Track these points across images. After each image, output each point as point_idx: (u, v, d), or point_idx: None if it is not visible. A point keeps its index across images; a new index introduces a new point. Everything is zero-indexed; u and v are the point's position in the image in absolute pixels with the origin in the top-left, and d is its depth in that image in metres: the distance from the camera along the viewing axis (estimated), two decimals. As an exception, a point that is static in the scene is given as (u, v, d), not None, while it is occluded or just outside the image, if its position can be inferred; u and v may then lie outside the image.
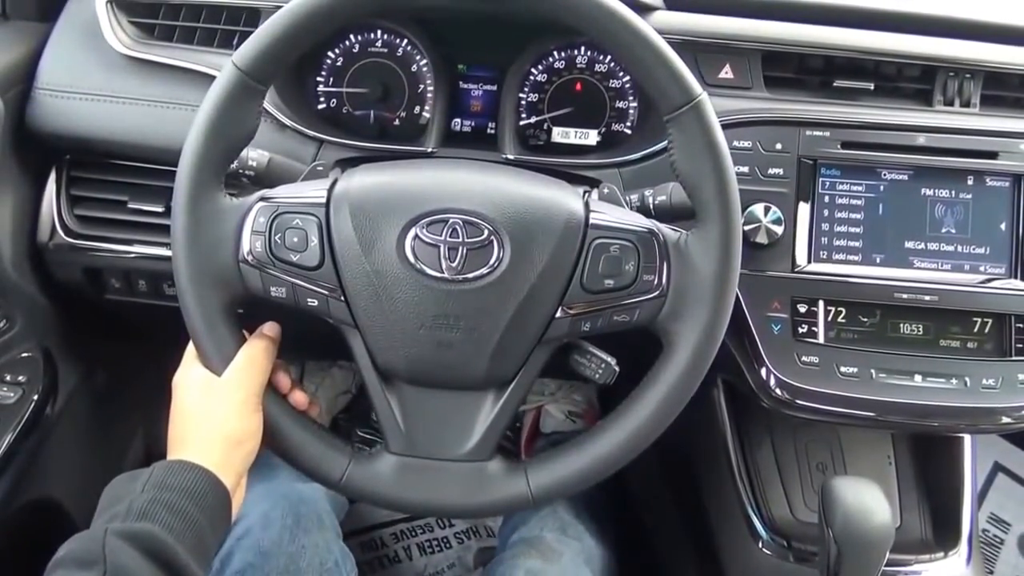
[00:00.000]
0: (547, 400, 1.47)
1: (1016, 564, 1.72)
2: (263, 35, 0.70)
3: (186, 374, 0.73)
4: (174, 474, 0.66)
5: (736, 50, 0.92)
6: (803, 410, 0.90)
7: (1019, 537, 1.77)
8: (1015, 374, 0.88)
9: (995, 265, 0.91)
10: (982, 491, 1.81)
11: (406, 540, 1.58)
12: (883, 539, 0.80)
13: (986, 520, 1.79)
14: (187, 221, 0.71)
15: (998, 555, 1.74)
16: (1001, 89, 0.94)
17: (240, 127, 0.72)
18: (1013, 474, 1.85)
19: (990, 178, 0.92)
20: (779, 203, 0.89)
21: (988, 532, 1.77)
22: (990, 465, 1.85)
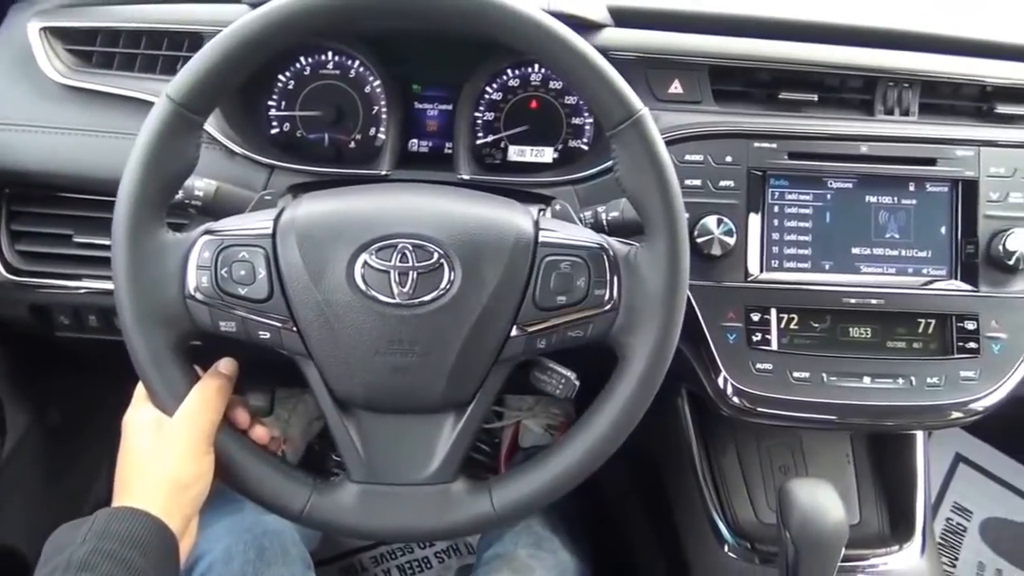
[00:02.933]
0: (525, 415, 1.48)
1: (979, 550, 1.77)
2: (197, 65, 0.69)
3: (135, 415, 0.72)
4: (117, 521, 0.64)
5: (685, 65, 0.95)
6: (760, 416, 0.92)
7: (980, 524, 1.82)
8: (957, 371, 0.92)
9: (937, 268, 0.95)
10: (944, 482, 1.86)
11: (386, 563, 1.58)
12: (838, 537, 0.82)
13: (950, 509, 1.83)
14: (128, 260, 0.70)
15: (962, 542, 1.78)
16: (937, 97, 0.97)
17: (178, 161, 0.71)
18: (974, 464, 1.90)
19: (930, 184, 0.95)
20: (731, 215, 0.91)
21: (952, 521, 1.81)
22: (951, 456, 1.90)
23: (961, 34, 1.00)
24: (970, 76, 0.97)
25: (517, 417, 1.47)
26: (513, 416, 1.48)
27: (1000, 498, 1.84)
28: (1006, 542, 1.78)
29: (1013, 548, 1.77)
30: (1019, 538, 1.79)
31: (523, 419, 1.47)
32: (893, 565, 1.01)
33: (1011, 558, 1.75)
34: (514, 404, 1.48)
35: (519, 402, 1.47)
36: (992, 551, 1.76)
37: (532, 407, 1.46)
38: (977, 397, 0.92)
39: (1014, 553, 1.76)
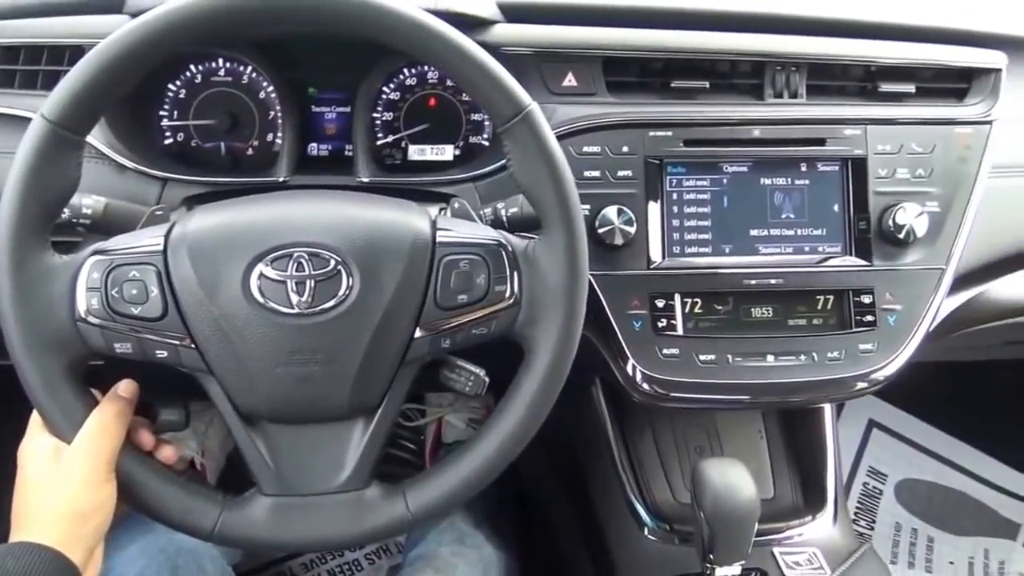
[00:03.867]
0: (446, 411, 1.48)
1: (895, 512, 1.83)
2: (72, 82, 0.67)
3: (31, 444, 0.70)
4: (14, 558, 0.62)
5: (578, 58, 0.95)
6: (671, 400, 0.94)
7: (895, 486, 1.88)
8: (856, 345, 0.94)
9: (832, 245, 0.97)
10: (859, 448, 1.92)
11: (316, 568, 1.57)
12: (750, 514, 0.84)
13: (866, 474, 1.90)
14: (12, 286, 0.68)
15: (878, 505, 1.85)
16: (825, 79, 0.99)
17: (58, 182, 0.69)
18: (886, 428, 1.97)
19: (821, 163, 0.97)
20: (630, 204, 0.93)
21: (868, 485, 1.88)
22: (865, 423, 1.96)
23: (846, 16, 1.03)
24: (855, 57, 0.99)
25: (439, 413, 1.47)
26: (435, 412, 1.47)
27: (913, 460, 1.92)
28: (920, 502, 1.85)
29: (927, 507, 1.84)
30: (932, 496, 1.86)
31: (445, 415, 1.47)
32: (808, 535, 1.04)
33: (925, 517, 1.82)
34: (435, 401, 1.48)
35: (440, 398, 1.47)
36: (907, 511, 1.83)
37: (453, 403, 1.46)
38: (877, 368, 0.95)
39: (928, 512, 1.83)
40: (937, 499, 1.85)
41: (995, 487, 1.89)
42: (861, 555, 1.00)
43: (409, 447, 1.59)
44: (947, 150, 0.98)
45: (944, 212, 0.98)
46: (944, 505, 1.84)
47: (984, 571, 1.71)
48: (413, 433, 1.57)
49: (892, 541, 1.76)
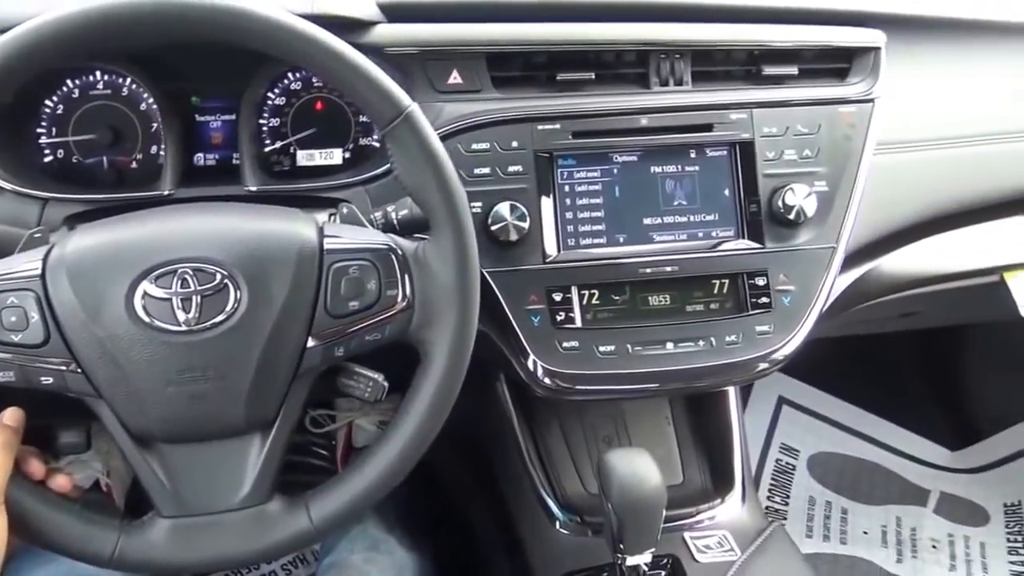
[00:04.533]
0: (356, 415, 1.46)
1: (808, 485, 1.87)
2: None
3: None
4: None
5: (462, 55, 0.94)
6: (574, 393, 0.94)
7: (808, 460, 1.93)
8: (753, 327, 0.96)
9: (725, 229, 0.98)
10: (771, 425, 1.96)
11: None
12: (657, 502, 0.85)
13: (778, 451, 1.93)
14: None
15: (792, 480, 1.88)
16: (709, 65, 1.00)
17: None
18: (796, 404, 2.01)
19: (709, 149, 0.98)
20: (523, 199, 0.92)
21: (781, 461, 1.91)
22: (775, 400, 2.00)
23: (728, 2, 1.04)
24: (738, 42, 1.00)
25: (348, 418, 1.44)
26: (344, 417, 1.45)
27: (823, 433, 1.96)
28: (832, 474, 1.89)
29: (840, 480, 1.89)
30: (844, 469, 1.91)
31: (355, 419, 1.45)
32: (718, 518, 1.05)
33: (838, 489, 1.87)
34: (344, 405, 1.45)
35: (349, 403, 1.45)
36: (820, 485, 1.87)
37: (363, 406, 1.44)
38: (774, 349, 0.96)
39: (841, 484, 1.88)
40: (849, 471, 1.90)
41: (904, 455, 1.95)
42: (770, 534, 1.01)
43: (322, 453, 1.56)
44: (832, 130, 1.00)
45: (832, 191, 0.99)
46: (856, 476, 1.89)
47: (897, 538, 1.76)
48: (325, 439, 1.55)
49: (807, 515, 1.79)
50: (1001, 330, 1.22)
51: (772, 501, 1.82)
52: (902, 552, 1.72)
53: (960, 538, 1.76)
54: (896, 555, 1.72)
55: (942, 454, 1.96)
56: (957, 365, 2.01)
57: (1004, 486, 1.85)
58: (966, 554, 1.73)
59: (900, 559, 1.71)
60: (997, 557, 1.72)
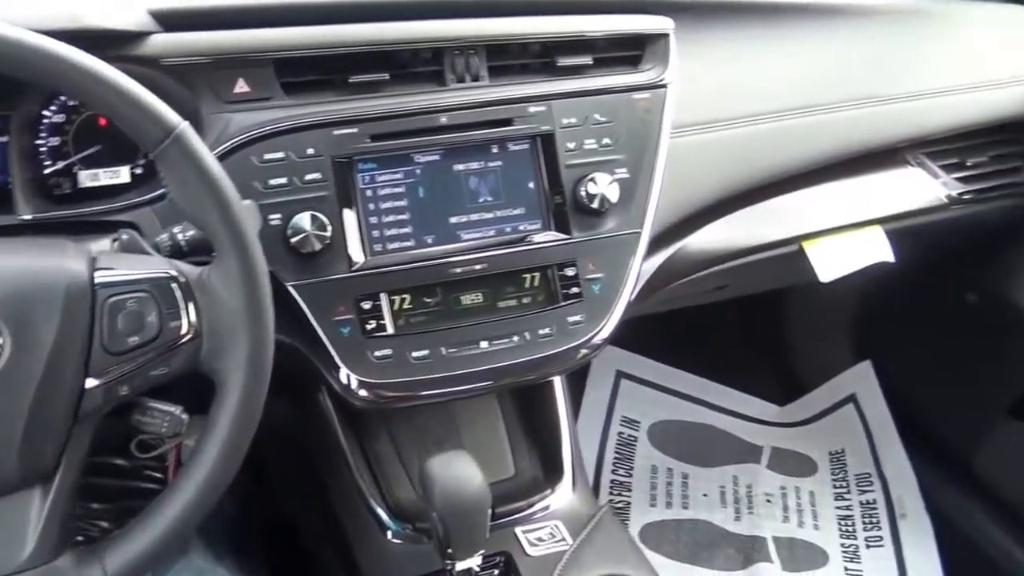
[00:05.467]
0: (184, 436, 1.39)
1: (650, 455, 1.92)
2: None
3: None
4: None
5: (247, 62, 0.89)
6: (391, 401, 0.92)
7: (648, 430, 1.98)
8: (565, 318, 0.96)
9: (532, 223, 0.98)
10: (611, 400, 2.00)
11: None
12: (481, 504, 0.85)
13: (620, 424, 1.97)
14: None
15: (635, 452, 1.93)
16: (505, 59, 0.99)
17: None
18: (633, 377, 2.06)
19: (511, 143, 0.98)
20: (323, 208, 0.89)
21: (624, 434, 1.96)
22: (613, 375, 2.04)
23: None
24: (531, 34, 1.00)
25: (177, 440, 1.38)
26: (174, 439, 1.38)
27: (662, 403, 2.02)
28: (672, 441, 1.95)
29: (679, 446, 1.95)
30: (683, 435, 1.97)
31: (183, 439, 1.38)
32: (551, 507, 1.06)
33: (678, 455, 1.93)
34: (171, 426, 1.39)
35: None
36: (661, 453, 1.93)
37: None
38: (587, 338, 0.97)
39: (680, 450, 1.94)
40: (687, 436, 1.96)
41: (738, 415, 2.04)
42: (599, 519, 1.03)
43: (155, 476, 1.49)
44: (629, 117, 1.02)
45: (634, 177, 1.01)
46: (694, 441, 1.96)
47: (735, 497, 1.83)
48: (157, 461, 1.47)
49: (650, 484, 1.85)
50: (813, 291, 1.28)
51: (617, 474, 1.86)
52: (739, 510, 1.80)
53: (792, 489, 1.86)
54: (735, 513, 1.79)
55: (772, 411, 2.06)
56: (779, 326, 2.12)
57: (828, 436, 1.96)
58: (797, 504, 1.82)
59: (738, 517, 1.78)
60: (825, 505, 1.83)
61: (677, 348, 2.07)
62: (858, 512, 1.80)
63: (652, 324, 1.63)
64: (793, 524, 1.78)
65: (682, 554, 1.70)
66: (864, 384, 1.93)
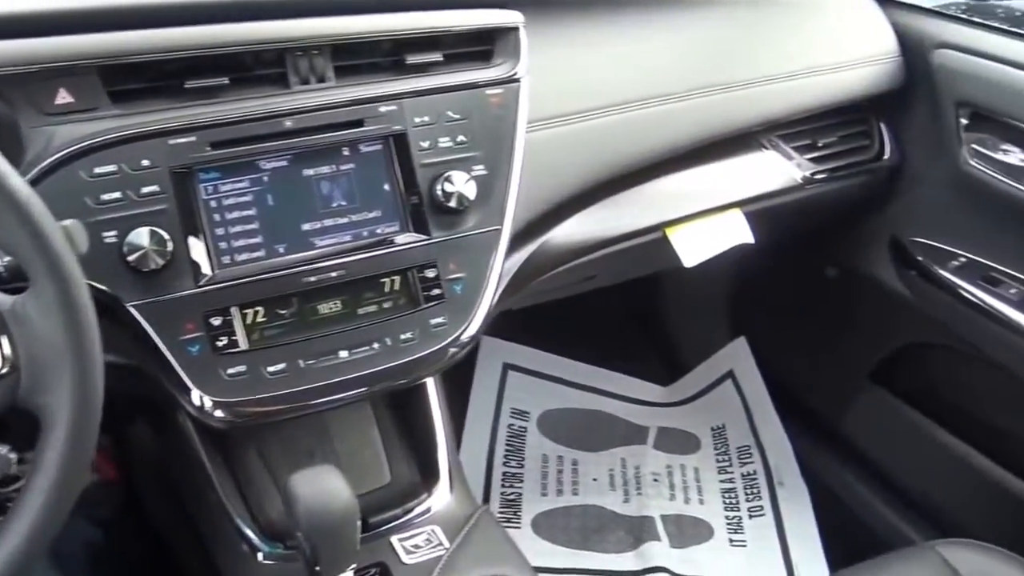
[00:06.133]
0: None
1: (540, 444, 1.93)
2: None
3: None
4: None
5: (68, 71, 0.84)
6: (249, 420, 0.89)
7: (537, 419, 1.98)
8: (428, 321, 0.95)
9: (389, 225, 0.96)
10: (499, 392, 2.00)
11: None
12: (349, 518, 0.82)
13: (509, 416, 1.97)
14: None
15: (526, 443, 1.93)
16: (352, 59, 0.97)
17: None
18: (521, 368, 2.06)
19: (363, 145, 0.95)
20: (163, 222, 0.85)
21: (514, 426, 1.96)
22: (500, 367, 2.04)
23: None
24: (378, 32, 0.97)
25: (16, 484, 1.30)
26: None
27: (549, 392, 2.03)
28: (562, 429, 1.96)
29: (568, 433, 1.96)
30: (572, 422, 1.99)
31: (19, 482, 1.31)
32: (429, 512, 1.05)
33: (568, 442, 1.94)
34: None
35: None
36: (551, 441, 1.93)
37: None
38: (451, 339, 0.95)
39: (570, 437, 1.95)
40: (576, 423, 1.98)
41: (624, 398, 2.06)
42: (476, 520, 1.02)
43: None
44: (483, 113, 1.01)
45: (491, 174, 1.00)
46: (582, 427, 1.97)
47: (623, 479, 1.85)
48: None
49: (541, 473, 1.85)
50: (689, 273, 1.30)
51: (508, 466, 1.86)
52: (628, 491, 1.83)
53: (677, 467, 1.90)
54: (624, 495, 1.82)
55: (657, 392, 2.09)
56: (660, 308, 2.16)
57: (709, 412, 2.00)
58: (683, 481, 1.86)
59: (627, 499, 1.81)
60: (709, 479, 1.87)
61: (566, 336, 2.08)
62: (740, 484, 1.85)
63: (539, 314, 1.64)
64: (680, 501, 1.81)
65: (574, 540, 1.71)
66: (740, 360, 1.99)
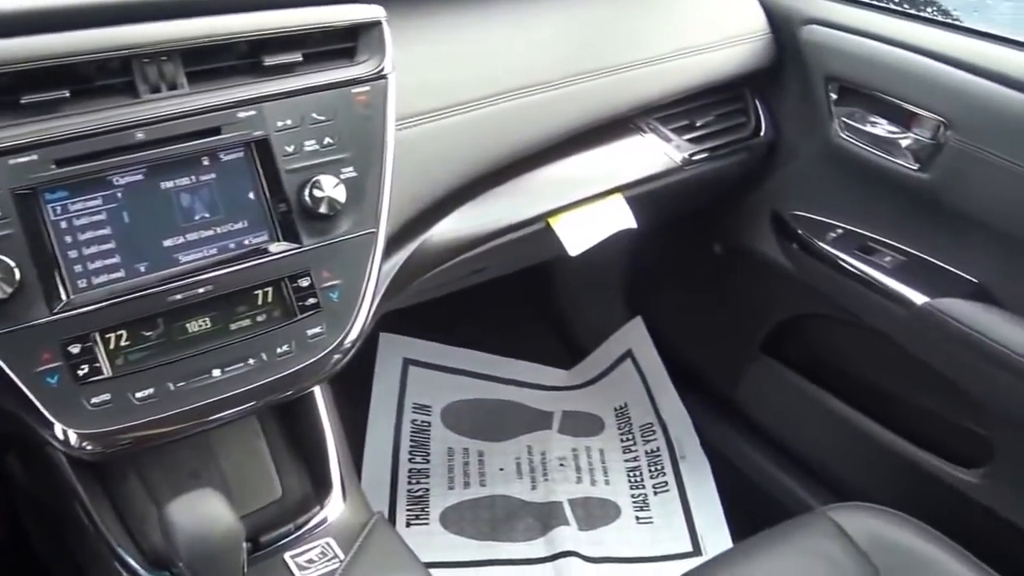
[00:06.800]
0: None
1: (444, 438, 1.92)
2: None
3: None
4: None
5: None
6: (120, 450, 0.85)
7: (440, 413, 1.97)
8: (304, 332, 0.92)
9: (257, 235, 0.92)
10: (400, 389, 1.98)
11: None
12: (231, 543, 0.80)
13: (412, 411, 1.96)
14: None
15: (430, 437, 1.92)
16: (205, 63, 0.92)
17: None
18: (421, 362, 2.04)
19: (223, 153, 0.91)
20: (7, 248, 0.79)
21: (417, 421, 1.94)
22: (400, 363, 2.02)
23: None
24: (231, 34, 0.93)
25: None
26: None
27: (451, 384, 2.02)
28: (466, 421, 1.96)
29: (472, 424, 1.95)
30: (476, 413, 1.98)
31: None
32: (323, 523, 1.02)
33: (472, 433, 1.94)
34: None
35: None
36: (456, 434, 1.93)
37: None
38: (330, 348, 0.93)
39: (474, 428, 1.95)
40: (479, 414, 1.98)
41: (527, 385, 2.07)
42: (371, 528, 1.00)
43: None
44: (350, 113, 0.97)
45: (362, 176, 0.97)
46: (487, 417, 1.97)
47: (530, 466, 1.86)
48: None
49: (447, 467, 1.84)
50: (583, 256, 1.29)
51: (414, 463, 1.85)
52: (535, 478, 1.83)
53: (583, 450, 1.91)
54: (531, 483, 1.82)
55: (560, 376, 2.11)
56: (556, 292, 2.17)
57: (611, 392, 2.02)
58: (589, 464, 1.88)
59: (535, 485, 1.81)
60: (614, 459, 1.89)
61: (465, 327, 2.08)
62: (644, 462, 1.88)
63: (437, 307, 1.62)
64: (586, 484, 1.83)
65: (483, 532, 1.71)
66: (637, 339, 2.01)
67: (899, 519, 1.15)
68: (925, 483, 1.40)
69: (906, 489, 1.45)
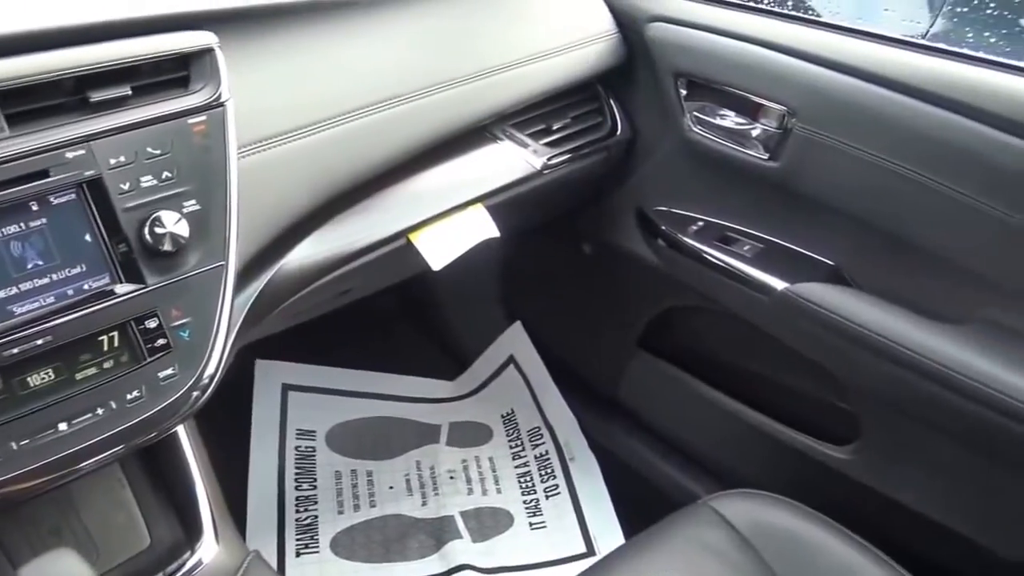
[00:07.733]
0: None
1: (331, 461, 1.89)
2: None
3: None
4: None
5: None
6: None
7: (325, 437, 1.94)
8: (155, 375, 0.88)
9: (97, 279, 0.88)
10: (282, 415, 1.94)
11: None
12: None
13: (295, 438, 1.92)
14: None
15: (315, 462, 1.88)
16: (26, 104, 0.87)
17: None
18: (300, 387, 2.01)
19: (53, 196, 0.87)
20: None
21: (301, 447, 1.90)
22: (279, 389, 1.98)
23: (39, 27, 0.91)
24: (53, 71, 0.88)
25: None
26: None
27: (334, 406, 1.99)
28: (351, 442, 1.93)
29: (359, 445, 1.93)
30: (361, 433, 1.96)
31: None
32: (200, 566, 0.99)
33: (359, 454, 1.91)
34: None
35: None
36: (342, 456, 1.90)
37: None
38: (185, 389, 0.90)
39: (361, 449, 1.92)
40: (365, 433, 1.95)
41: (413, 399, 2.06)
42: (246, 568, 0.97)
43: None
44: (187, 144, 0.94)
45: (206, 208, 0.94)
46: (373, 436, 1.95)
47: (420, 482, 1.85)
48: None
49: (336, 491, 1.81)
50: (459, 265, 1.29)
51: (301, 490, 1.81)
52: (426, 494, 1.82)
53: (472, 460, 1.91)
54: (422, 499, 1.81)
55: (444, 387, 2.10)
56: (434, 304, 2.16)
57: (497, 400, 2.03)
58: (479, 474, 1.88)
59: (425, 501, 1.80)
60: (505, 467, 1.90)
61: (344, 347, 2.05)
62: (534, 466, 1.89)
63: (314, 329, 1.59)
64: (477, 494, 1.83)
65: (376, 554, 1.69)
66: (519, 344, 2.02)
67: (778, 502, 1.19)
68: (802, 464, 1.46)
69: (785, 471, 1.50)
